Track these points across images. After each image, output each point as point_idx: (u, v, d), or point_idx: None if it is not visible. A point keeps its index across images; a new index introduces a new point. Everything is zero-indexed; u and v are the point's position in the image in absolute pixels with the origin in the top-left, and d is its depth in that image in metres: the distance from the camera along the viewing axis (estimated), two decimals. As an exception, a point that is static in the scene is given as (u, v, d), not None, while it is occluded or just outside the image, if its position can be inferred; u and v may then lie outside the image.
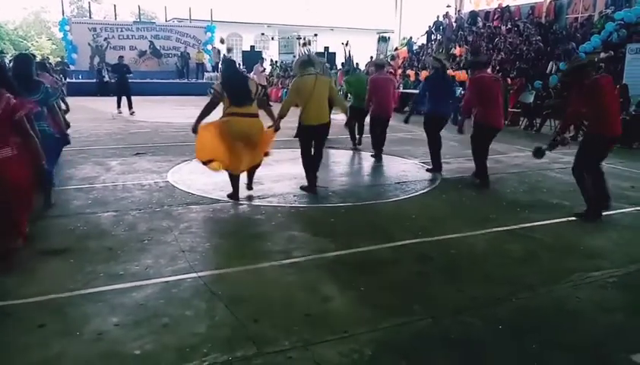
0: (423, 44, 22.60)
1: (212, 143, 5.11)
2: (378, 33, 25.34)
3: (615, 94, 5.11)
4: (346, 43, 21.22)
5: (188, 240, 4.16)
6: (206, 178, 6.09)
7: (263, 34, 33.00)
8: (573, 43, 14.63)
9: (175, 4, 29.89)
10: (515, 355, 2.65)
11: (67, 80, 20.32)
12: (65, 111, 6.90)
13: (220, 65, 13.99)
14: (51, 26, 43.41)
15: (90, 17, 28.05)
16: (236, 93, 5.04)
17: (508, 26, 18.65)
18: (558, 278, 3.56)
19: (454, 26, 21.94)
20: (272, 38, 31.50)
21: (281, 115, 5.49)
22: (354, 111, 8.67)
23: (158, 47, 25.96)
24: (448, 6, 22.89)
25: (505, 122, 6.50)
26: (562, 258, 4.00)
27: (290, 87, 6.07)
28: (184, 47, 26.01)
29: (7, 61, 13.47)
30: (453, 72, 14.80)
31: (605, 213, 5.00)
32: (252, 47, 28.96)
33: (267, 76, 22.73)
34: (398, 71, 19.60)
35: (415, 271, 3.69)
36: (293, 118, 5.74)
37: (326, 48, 25.28)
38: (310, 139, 5.75)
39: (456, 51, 18.86)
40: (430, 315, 3.01)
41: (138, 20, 28.13)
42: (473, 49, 17.09)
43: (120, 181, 6.20)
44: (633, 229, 4.81)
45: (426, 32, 22.97)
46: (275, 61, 27.07)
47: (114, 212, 4.91)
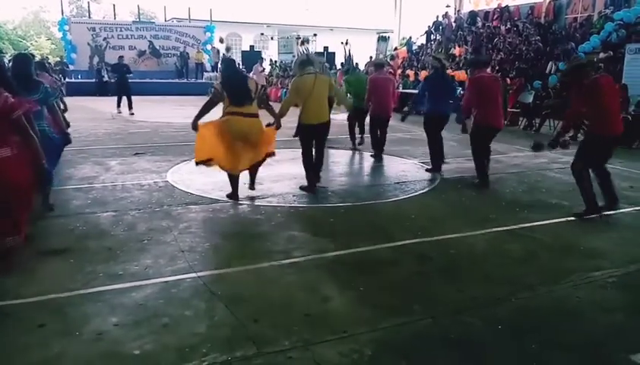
0: (423, 44, 22.59)
1: (211, 142, 5.11)
2: (377, 33, 25.32)
3: (615, 94, 5.11)
4: (345, 42, 21.20)
5: (187, 240, 4.16)
6: (205, 178, 6.09)
7: (262, 34, 33.02)
8: (572, 43, 14.64)
9: (174, 3, 29.94)
10: (515, 355, 2.65)
11: (66, 80, 20.32)
12: (63, 110, 6.88)
13: (220, 65, 13.96)
14: (50, 25, 43.36)
15: (90, 17, 28.10)
16: (236, 92, 5.04)
17: (507, 26, 18.65)
18: (558, 278, 3.56)
19: (453, 26, 21.94)
20: (271, 38, 31.51)
21: (281, 114, 5.49)
22: (354, 111, 8.69)
23: (157, 47, 25.95)
24: (448, 6, 22.89)
25: (505, 122, 6.47)
26: (562, 258, 4.00)
27: (290, 87, 6.08)
28: (183, 47, 25.99)
29: (6, 61, 13.43)
30: (452, 72, 14.80)
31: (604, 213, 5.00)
32: (252, 47, 28.96)
33: (266, 76, 22.76)
34: (398, 71, 19.59)
35: (415, 271, 3.69)
36: (293, 117, 5.74)
37: (325, 48, 25.27)
38: (311, 138, 5.76)
39: (455, 51, 18.87)
40: (430, 315, 3.01)
41: (137, 19, 28.14)
42: (474, 49, 17.10)
43: (119, 181, 6.20)
44: (633, 229, 4.82)
45: (426, 32, 22.96)
46: (274, 61, 27.06)
47: (113, 212, 4.91)
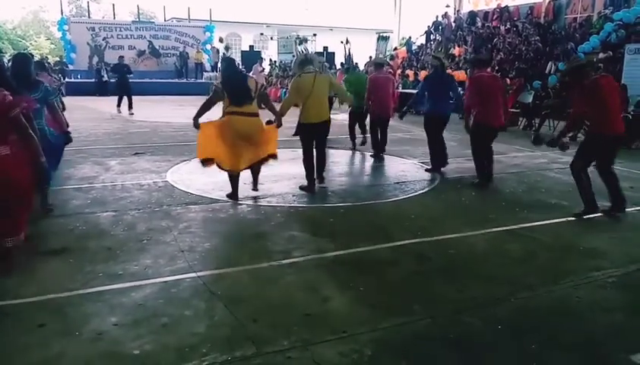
0: (422, 44, 22.59)
1: (212, 142, 5.12)
2: (377, 33, 25.32)
3: (616, 93, 5.11)
4: (346, 41, 21.19)
5: (187, 240, 4.15)
6: (205, 178, 6.09)
7: (262, 34, 33.02)
8: (572, 43, 14.64)
9: (174, 3, 29.91)
10: (515, 355, 2.65)
11: (65, 79, 20.29)
12: (62, 110, 6.86)
13: (220, 65, 13.97)
14: (50, 25, 43.31)
15: (89, 17, 28.06)
16: (236, 92, 5.04)
17: (507, 26, 18.66)
18: (557, 278, 3.56)
19: (453, 26, 21.95)
20: (271, 38, 31.51)
21: (281, 113, 5.49)
22: (354, 110, 8.70)
23: (157, 47, 25.95)
24: (447, 6, 22.90)
25: (504, 123, 6.46)
26: (562, 258, 4.01)
27: (290, 87, 6.07)
28: (183, 47, 25.99)
29: (5, 60, 13.42)
30: (452, 72, 14.80)
31: (601, 214, 5.01)
32: (251, 47, 28.95)
33: (266, 76, 22.75)
34: (397, 71, 19.59)
35: (414, 271, 3.69)
36: (293, 117, 5.74)
37: (325, 48, 25.27)
38: (311, 137, 5.76)
39: (455, 51, 18.87)
40: (430, 315, 3.01)
41: (137, 19, 28.09)
42: (474, 49, 17.10)
43: (119, 181, 6.19)
44: (633, 229, 4.83)
45: (425, 32, 22.97)
46: (274, 61, 27.06)
47: (113, 212, 4.91)
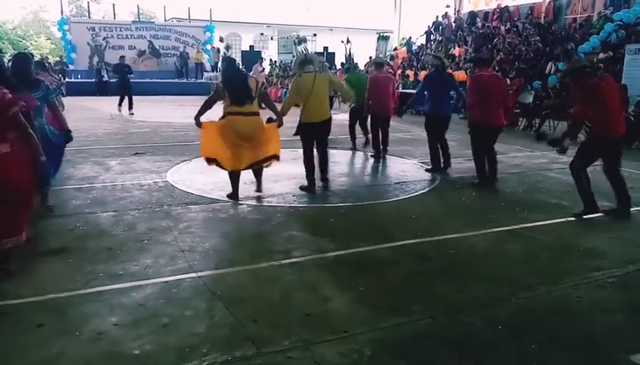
0: (422, 44, 22.61)
1: (213, 142, 5.12)
2: (377, 33, 25.32)
3: (616, 95, 5.11)
4: (347, 40, 21.18)
5: (187, 240, 4.15)
6: (205, 178, 6.09)
7: (262, 34, 33.02)
8: (572, 44, 14.64)
9: (174, 3, 29.93)
10: (515, 355, 2.64)
11: (66, 79, 20.32)
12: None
13: (220, 65, 13.96)
14: (50, 25, 43.29)
15: (89, 17, 28.07)
16: (237, 91, 5.04)
17: (507, 26, 18.67)
18: (557, 278, 3.56)
19: (453, 26, 21.96)
20: (271, 38, 31.50)
21: (282, 113, 5.49)
22: (355, 110, 8.71)
23: (157, 47, 25.96)
24: (447, 6, 22.92)
25: (504, 122, 6.45)
26: (562, 258, 4.01)
27: (290, 87, 6.08)
28: (183, 47, 26.00)
29: (5, 60, 13.43)
30: (452, 72, 14.80)
31: (601, 214, 5.00)
32: (251, 47, 28.95)
33: (266, 76, 22.75)
34: (397, 72, 19.59)
35: (415, 271, 3.69)
36: (294, 117, 5.74)
37: (325, 48, 25.27)
38: (312, 137, 5.76)
39: (455, 51, 18.87)
40: (430, 315, 3.01)
41: (137, 19, 28.10)
42: (475, 48, 17.10)
43: (119, 181, 6.19)
44: (633, 229, 4.82)
45: (425, 32, 22.99)
46: (274, 61, 27.07)
47: (113, 212, 4.91)
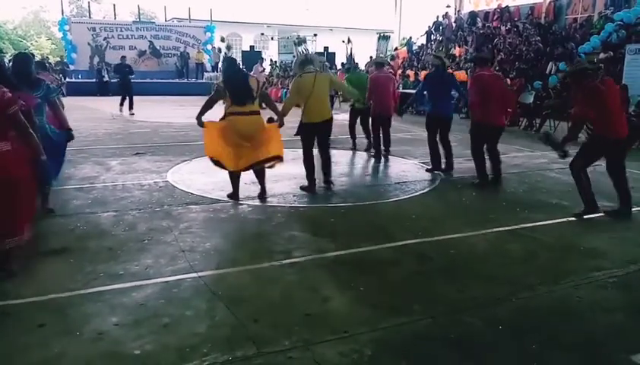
0: (423, 44, 22.60)
1: (215, 142, 5.12)
2: (377, 33, 25.33)
3: (617, 96, 5.10)
4: (348, 40, 21.18)
5: (188, 240, 4.16)
6: (206, 178, 6.10)
7: (262, 34, 33.00)
8: (572, 44, 14.63)
9: (174, 4, 29.94)
10: (515, 355, 2.65)
11: (66, 79, 20.33)
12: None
13: (221, 65, 13.96)
14: (50, 25, 43.32)
15: (90, 17, 28.05)
16: (238, 91, 5.04)
17: (507, 26, 18.66)
18: (558, 278, 3.56)
19: (453, 26, 21.95)
20: (272, 38, 31.48)
21: (283, 114, 5.49)
22: (355, 110, 8.71)
23: (158, 47, 25.97)
24: (448, 6, 22.92)
25: (506, 122, 6.45)
26: (563, 258, 4.01)
27: (291, 88, 6.08)
28: (183, 47, 26.01)
29: (6, 60, 13.45)
30: (452, 72, 14.80)
31: (601, 214, 5.00)
32: (252, 47, 28.96)
33: (266, 76, 22.76)
34: (398, 72, 19.59)
35: (415, 271, 3.69)
36: (295, 117, 5.74)
37: (326, 48, 25.27)
38: (312, 137, 5.76)
39: (455, 51, 18.87)
40: (430, 315, 3.01)
41: (138, 19, 28.13)
42: (476, 48, 17.10)
43: (120, 181, 6.20)
44: (633, 229, 4.81)
45: (426, 32, 22.98)
46: (275, 61, 27.08)
47: (114, 212, 4.91)
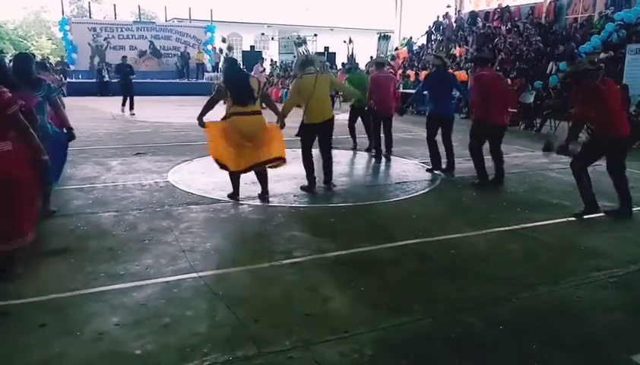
0: (423, 44, 22.61)
1: (216, 142, 5.13)
2: (378, 33, 25.34)
3: (617, 96, 5.10)
4: (349, 41, 21.18)
5: (188, 240, 4.16)
6: (206, 178, 6.10)
7: (263, 34, 32.99)
8: (573, 43, 14.63)
9: (175, 4, 29.99)
10: (515, 355, 2.65)
11: (67, 79, 20.34)
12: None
13: (221, 65, 13.97)
14: (51, 26, 43.36)
15: (90, 17, 28.08)
16: (239, 92, 5.04)
17: (507, 26, 18.66)
18: (558, 278, 3.56)
19: (454, 26, 21.96)
20: (272, 38, 31.48)
21: (284, 114, 5.49)
22: (355, 110, 8.72)
23: (158, 47, 25.98)
24: (448, 6, 22.93)
25: (507, 122, 6.45)
26: (563, 257, 4.01)
27: (291, 89, 6.08)
28: (184, 47, 26.03)
29: (7, 60, 13.45)
30: (453, 72, 14.81)
31: (602, 214, 5.00)
32: (252, 47, 28.95)
33: (267, 76, 22.75)
34: (398, 72, 19.59)
35: (415, 271, 3.70)
36: (296, 117, 5.74)
37: (326, 48, 25.27)
38: (312, 137, 5.76)
39: (456, 51, 18.87)
40: (430, 315, 3.01)
41: (138, 20, 28.15)
42: (476, 48, 17.10)
43: (120, 181, 6.20)
44: (633, 229, 4.81)
45: (426, 32, 22.99)
46: (275, 61, 27.08)
47: (114, 212, 4.91)
